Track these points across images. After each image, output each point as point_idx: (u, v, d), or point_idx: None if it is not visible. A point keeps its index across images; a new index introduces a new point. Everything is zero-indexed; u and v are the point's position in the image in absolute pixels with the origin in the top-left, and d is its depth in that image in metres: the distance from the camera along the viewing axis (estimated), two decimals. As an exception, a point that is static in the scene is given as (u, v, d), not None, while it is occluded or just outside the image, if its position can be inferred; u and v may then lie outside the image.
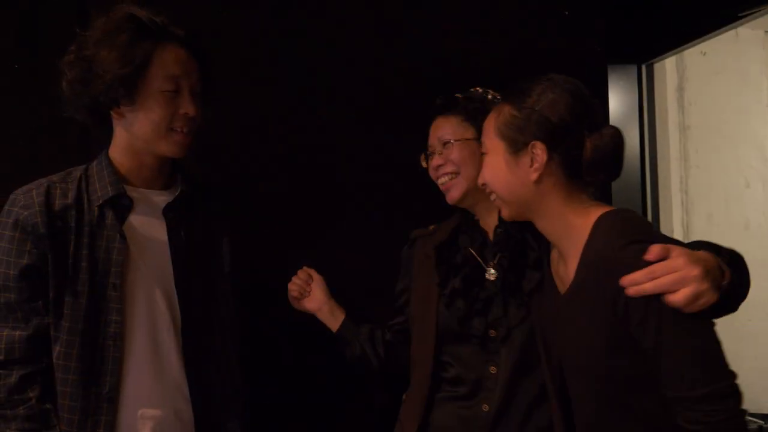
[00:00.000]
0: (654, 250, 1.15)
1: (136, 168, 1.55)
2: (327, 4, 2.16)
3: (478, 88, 1.70)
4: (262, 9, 2.11)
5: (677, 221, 2.95)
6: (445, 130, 1.65)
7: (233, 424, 1.59)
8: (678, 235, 2.93)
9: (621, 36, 2.29)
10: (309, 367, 2.04)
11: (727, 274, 1.19)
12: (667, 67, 2.81)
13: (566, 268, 1.35)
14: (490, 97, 1.69)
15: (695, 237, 2.80)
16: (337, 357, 1.82)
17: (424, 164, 1.71)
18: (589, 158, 1.30)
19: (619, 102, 2.35)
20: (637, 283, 1.15)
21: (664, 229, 2.66)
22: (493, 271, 1.57)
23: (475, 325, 1.54)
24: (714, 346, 1.17)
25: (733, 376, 1.17)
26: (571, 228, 1.32)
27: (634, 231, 1.22)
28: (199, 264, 1.58)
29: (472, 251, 1.62)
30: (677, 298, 1.13)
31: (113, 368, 1.44)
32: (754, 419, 2.63)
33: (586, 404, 1.36)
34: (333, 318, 1.79)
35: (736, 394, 1.16)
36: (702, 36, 2.16)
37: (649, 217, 2.40)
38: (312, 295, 1.81)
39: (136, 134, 1.51)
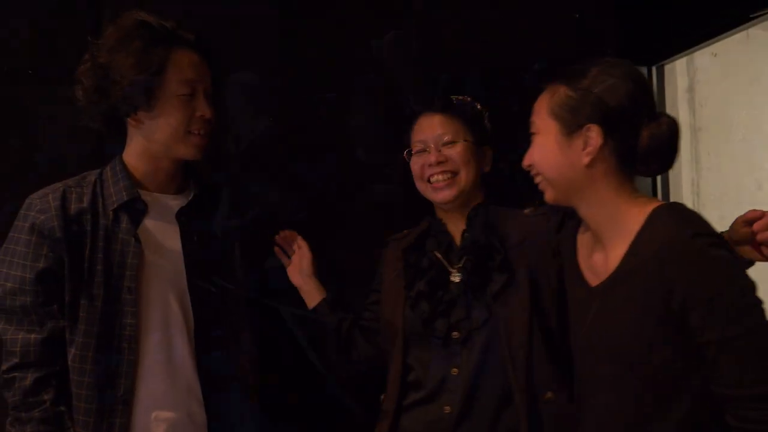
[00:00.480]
0: (755, 211, 1.42)
1: (152, 172, 1.66)
2: (327, 4, 2.27)
3: (466, 97, 1.85)
4: (262, 9, 2.22)
5: (688, 224, 3.03)
6: (448, 128, 1.78)
7: (247, 426, 1.71)
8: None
9: (631, 37, 2.39)
10: (310, 367, 2.12)
11: None
12: (678, 69, 2.85)
13: (605, 257, 1.40)
14: (479, 107, 1.85)
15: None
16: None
17: (406, 158, 1.84)
18: (645, 147, 1.36)
19: (629, 103, 2.48)
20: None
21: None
22: (457, 274, 1.72)
23: (438, 327, 1.68)
24: None
25: None
26: (622, 217, 1.37)
27: (698, 224, 1.30)
28: (211, 267, 1.69)
29: (438, 255, 1.77)
30: None
31: (128, 371, 1.55)
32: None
33: (614, 402, 1.39)
34: (311, 297, 1.95)
35: None
36: (713, 37, 2.25)
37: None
38: (301, 267, 1.96)
39: (154, 139, 1.62)
